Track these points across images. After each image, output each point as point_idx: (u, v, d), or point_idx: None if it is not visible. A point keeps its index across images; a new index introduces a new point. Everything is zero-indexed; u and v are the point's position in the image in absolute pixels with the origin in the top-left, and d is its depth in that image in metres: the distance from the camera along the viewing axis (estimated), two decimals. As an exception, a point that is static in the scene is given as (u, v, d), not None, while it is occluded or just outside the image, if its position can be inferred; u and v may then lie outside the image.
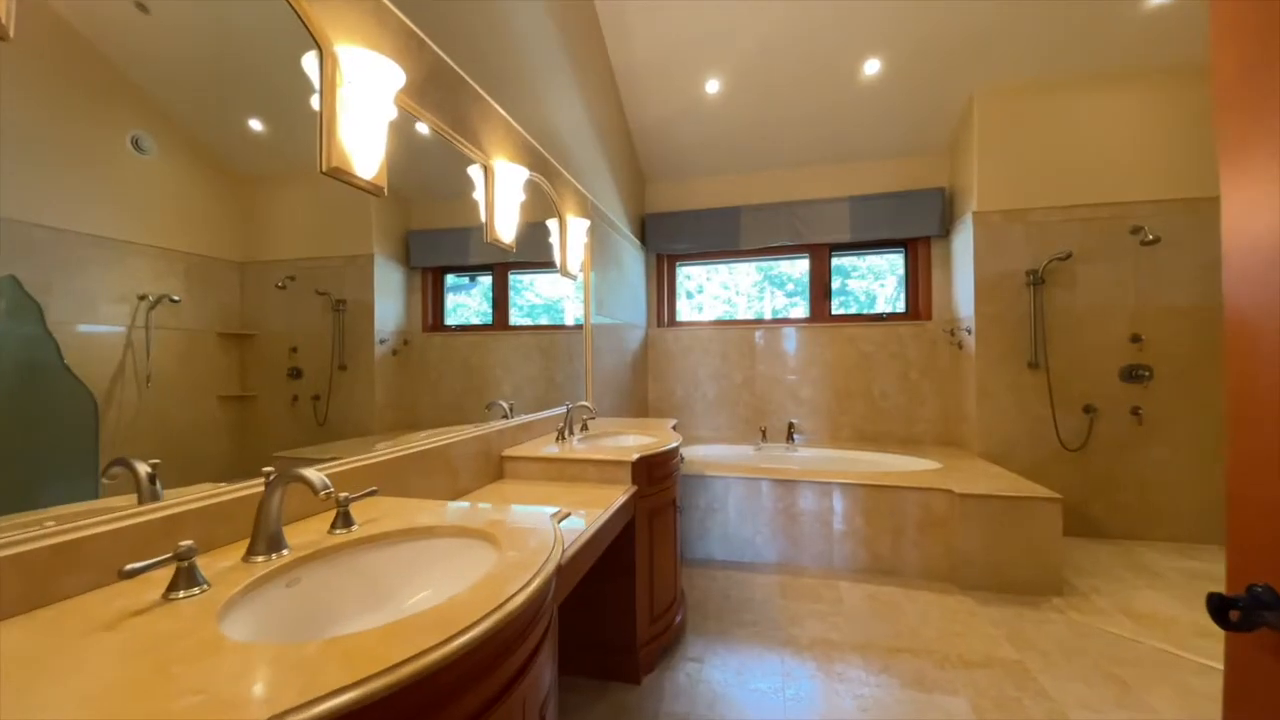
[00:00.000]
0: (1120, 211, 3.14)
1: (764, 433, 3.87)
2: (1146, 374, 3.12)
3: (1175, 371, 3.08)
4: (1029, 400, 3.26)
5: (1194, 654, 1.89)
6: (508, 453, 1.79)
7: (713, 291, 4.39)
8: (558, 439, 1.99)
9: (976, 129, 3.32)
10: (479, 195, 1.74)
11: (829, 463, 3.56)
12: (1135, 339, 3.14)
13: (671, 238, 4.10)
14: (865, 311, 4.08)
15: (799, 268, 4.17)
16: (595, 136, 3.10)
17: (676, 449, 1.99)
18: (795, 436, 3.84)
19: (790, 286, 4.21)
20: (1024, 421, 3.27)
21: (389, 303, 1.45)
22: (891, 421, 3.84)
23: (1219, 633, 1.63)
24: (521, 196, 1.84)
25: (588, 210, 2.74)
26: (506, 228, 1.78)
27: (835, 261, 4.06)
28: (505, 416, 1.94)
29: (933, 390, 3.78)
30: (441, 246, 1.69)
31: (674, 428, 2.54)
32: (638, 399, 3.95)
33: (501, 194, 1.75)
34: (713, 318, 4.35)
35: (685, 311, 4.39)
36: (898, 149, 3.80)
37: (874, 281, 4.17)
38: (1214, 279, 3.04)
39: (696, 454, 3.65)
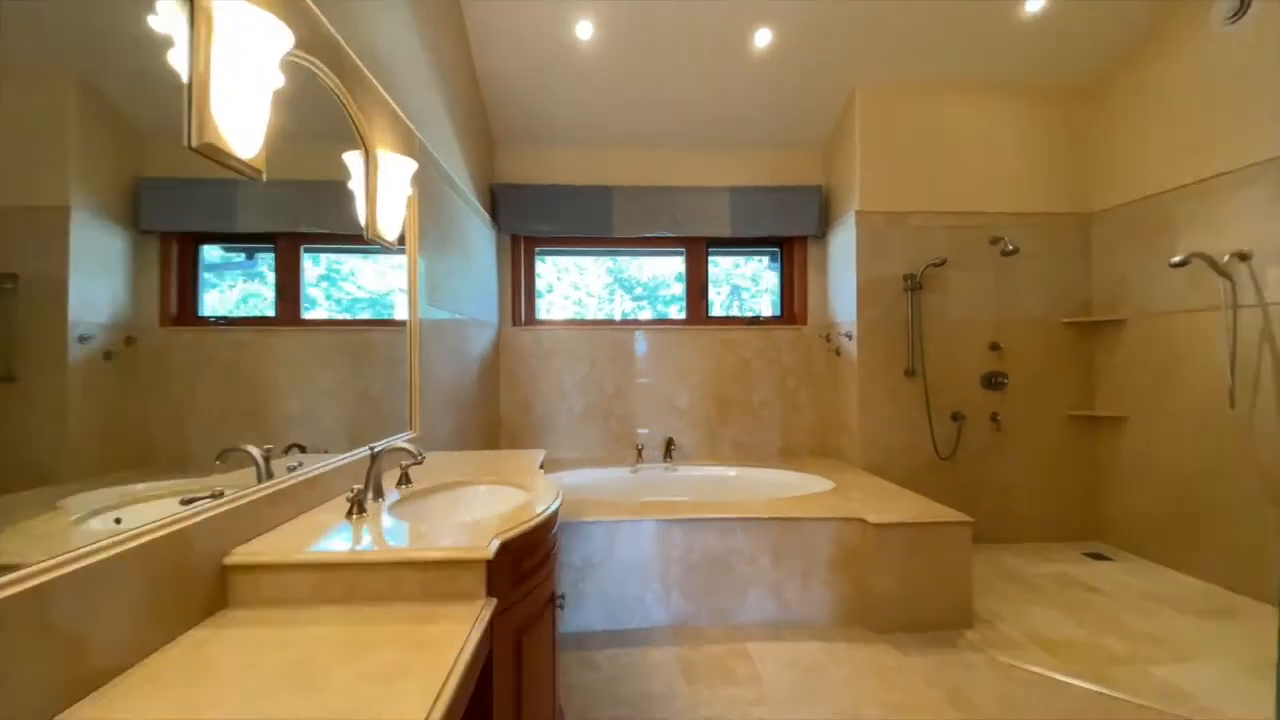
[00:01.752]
0: (984, 221, 3.19)
1: (640, 451, 3.32)
2: (1004, 381, 3.20)
3: (1027, 379, 3.20)
4: (907, 409, 3.17)
5: (1125, 692, 1.73)
6: (237, 556, 0.94)
7: (563, 291, 3.73)
8: (350, 513, 1.16)
9: (859, 124, 3.14)
10: (179, 43, 0.86)
11: (715, 484, 3.14)
12: (994, 347, 3.20)
13: (530, 217, 3.35)
14: (730, 314, 3.77)
15: (649, 269, 3.70)
16: (429, 63, 2.25)
17: (556, 512, 1.30)
18: (674, 454, 3.36)
19: (639, 290, 3.71)
20: (902, 430, 3.17)
21: (99, 282, 0.82)
22: (770, 432, 3.56)
23: (1132, 659, 1.27)
24: (274, 79, 1.00)
25: (414, 150, 1.90)
26: (236, 119, 0.92)
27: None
28: (261, 471, 1.07)
29: (810, 399, 3.58)
30: (194, 202, 1.00)
31: (542, 464, 1.83)
32: (487, 418, 3.13)
33: (224, 53, 0.89)
34: (574, 316, 3.69)
35: (546, 308, 3.67)
36: (779, 139, 3.53)
37: (724, 285, 3.88)
38: (1059, 291, 3.21)
39: (563, 483, 2.96)
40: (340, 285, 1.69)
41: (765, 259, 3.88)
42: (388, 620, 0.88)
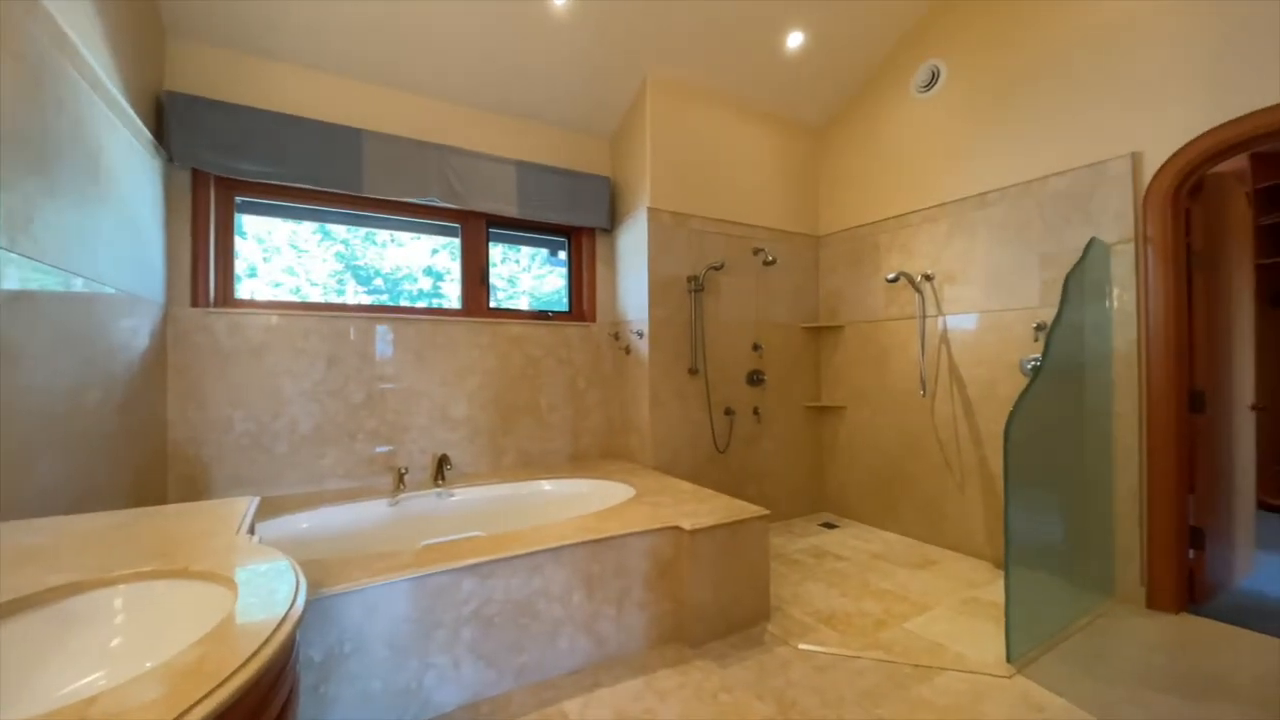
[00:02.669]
0: (748, 232, 3.45)
1: (402, 475, 2.62)
2: (763, 378, 3.52)
3: (778, 376, 3.59)
4: (690, 406, 3.22)
5: (899, 656, 1.93)
6: None
7: (272, 276, 2.70)
8: None
9: (650, 120, 3.07)
10: None
11: (504, 506, 2.66)
12: (756, 347, 3.50)
13: (230, 149, 2.32)
14: (510, 306, 3.36)
15: (393, 258, 3.00)
16: None
17: (297, 625, 0.72)
18: (448, 474, 2.75)
19: (378, 283, 2.99)
20: (687, 428, 3.21)
21: None
22: (558, 438, 3.24)
23: (889, 618, 2.05)
24: None
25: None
26: None
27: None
28: None
29: (599, 400, 3.39)
30: None
31: (252, 520, 1.14)
32: (143, 452, 2.03)
33: None
34: (297, 300, 2.74)
35: (249, 293, 2.62)
36: (570, 120, 3.25)
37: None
38: (799, 300, 3.69)
39: (292, 536, 2.10)
40: None
41: (545, 250, 3.55)
42: None
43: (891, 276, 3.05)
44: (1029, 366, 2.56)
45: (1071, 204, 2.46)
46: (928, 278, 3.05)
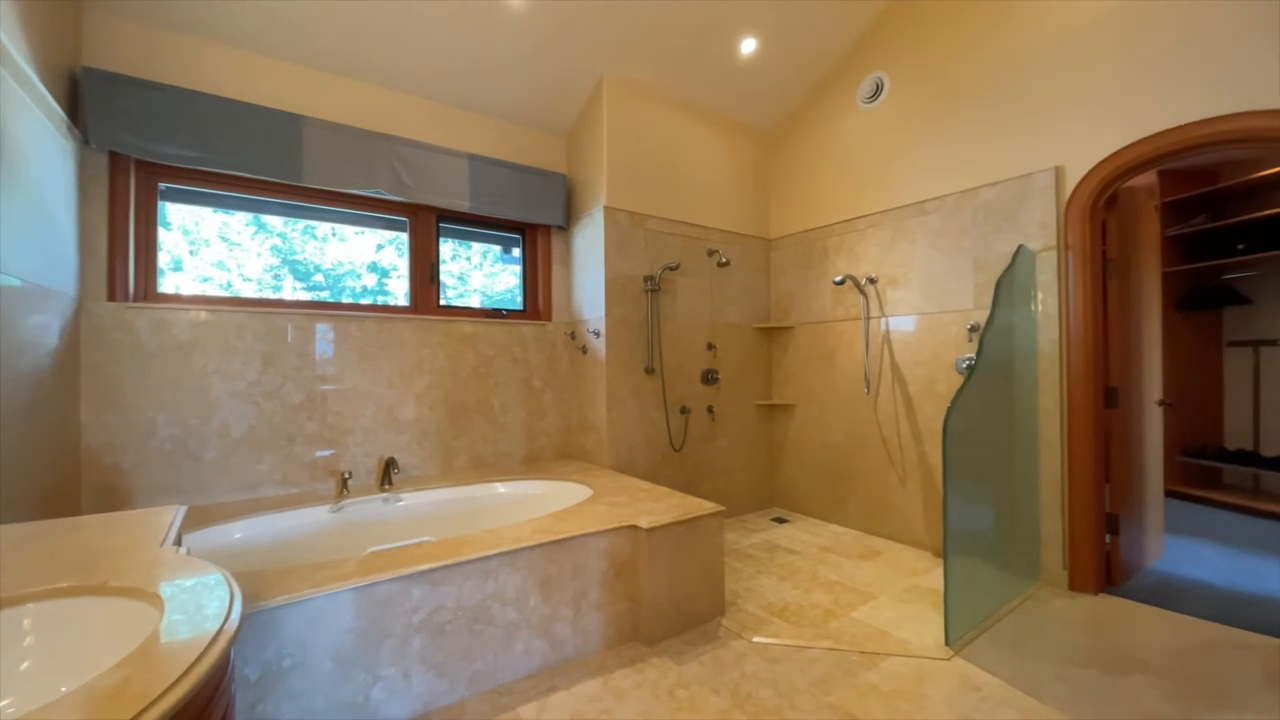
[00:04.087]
0: (703, 234, 3.50)
1: (345, 481, 2.50)
2: (717, 377, 3.58)
3: (731, 375, 3.65)
4: (647, 406, 3.23)
5: (847, 644, 2.01)
6: None
7: (200, 270, 2.52)
8: None
9: (607, 118, 3.06)
10: None
11: (456, 510, 2.58)
12: (711, 347, 3.56)
13: (155, 131, 2.15)
14: (461, 304, 3.28)
15: (335, 254, 2.88)
16: None
17: (232, 640, 0.67)
18: (395, 478, 2.65)
19: (318, 278, 2.85)
20: (643, 427, 3.22)
21: None
22: (513, 439, 3.18)
23: (837, 609, 2.18)
24: None
25: None
26: None
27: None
28: None
29: (554, 400, 3.35)
30: None
31: (178, 532, 1.06)
32: (52, 461, 1.85)
33: None
34: (228, 293, 2.58)
35: (174, 287, 2.44)
36: (524, 115, 3.20)
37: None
38: (752, 301, 3.77)
39: (225, 547, 1.96)
40: None
41: (498, 248, 3.48)
42: None
43: (839, 279, 3.16)
44: (964, 366, 2.71)
45: (1001, 213, 2.62)
46: (872, 281, 3.18)
